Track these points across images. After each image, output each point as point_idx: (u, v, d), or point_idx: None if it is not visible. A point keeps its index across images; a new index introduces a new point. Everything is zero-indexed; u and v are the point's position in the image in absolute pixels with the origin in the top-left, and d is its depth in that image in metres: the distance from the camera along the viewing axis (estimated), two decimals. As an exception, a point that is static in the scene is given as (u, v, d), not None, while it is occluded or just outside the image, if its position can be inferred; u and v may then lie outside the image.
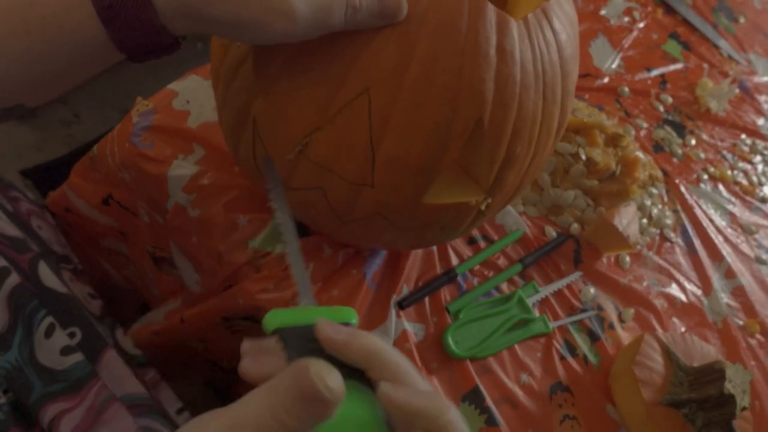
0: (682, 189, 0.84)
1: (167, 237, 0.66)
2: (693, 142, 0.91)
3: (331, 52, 0.41)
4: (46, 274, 0.53)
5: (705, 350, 0.65)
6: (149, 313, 0.82)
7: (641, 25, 1.04)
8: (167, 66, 0.73)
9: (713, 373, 0.59)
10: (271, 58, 0.44)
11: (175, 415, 0.57)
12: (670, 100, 0.95)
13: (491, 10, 0.41)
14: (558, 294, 0.68)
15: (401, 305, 0.60)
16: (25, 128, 1.39)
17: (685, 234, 0.80)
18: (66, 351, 0.48)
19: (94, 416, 0.46)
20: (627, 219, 0.70)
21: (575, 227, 0.73)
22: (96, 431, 0.46)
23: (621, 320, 0.69)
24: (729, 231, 0.84)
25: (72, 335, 0.50)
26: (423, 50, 0.40)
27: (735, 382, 0.58)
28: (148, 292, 0.89)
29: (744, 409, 0.58)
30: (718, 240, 0.81)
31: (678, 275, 0.76)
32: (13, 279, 0.49)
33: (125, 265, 0.85)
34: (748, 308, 0.77)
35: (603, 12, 1.02)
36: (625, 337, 0.68)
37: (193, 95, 0.68)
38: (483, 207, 0.47)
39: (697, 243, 0.80)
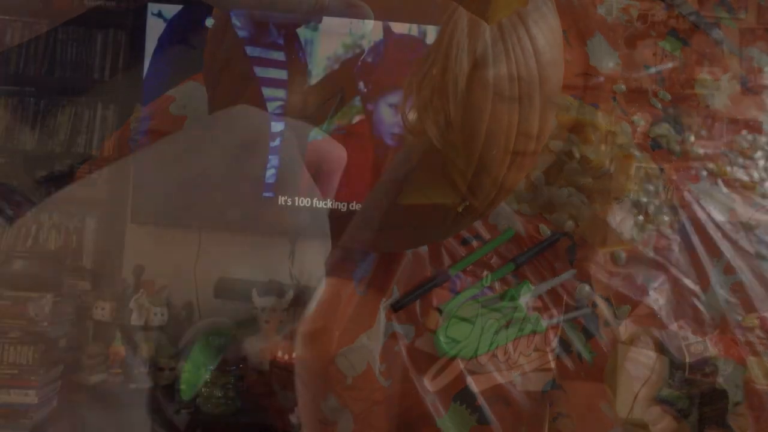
0: (681, 185, 0.84)
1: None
2: (691, 138, 0.91)
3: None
4: None
5: (700, 346, 0.65)
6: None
7: (639, 22, 1.03)
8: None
9: (706, 369, 0.59)
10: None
11: None
12: (668, 97, 0.94)
13: (463, 16, 0.41)
14: (552, 292, 0.68)
15: (394, 308, 0.60)
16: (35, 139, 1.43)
17: (682, 230, 0.80)
18: None
19: None
20: (621, 216, 0.70)
21: (569, 225, 0.73)
22: None
23: (616, 317, 0.69)
24: (728, 227, 0.83)
25: None
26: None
27: (727, 377, 0.58)
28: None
29: (737, 404, 0.58)
30: (716, 236, 0.81)
31: (675, 271, 0.75)
32: None
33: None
34: (747, 304, 0.76)
35: (600, 10, 1.01)
36: (621, 333, 0.68)
37: (190, 100, 0.70)
38: (460, 209, 0.48)
39: (694, 239, 0.80)
